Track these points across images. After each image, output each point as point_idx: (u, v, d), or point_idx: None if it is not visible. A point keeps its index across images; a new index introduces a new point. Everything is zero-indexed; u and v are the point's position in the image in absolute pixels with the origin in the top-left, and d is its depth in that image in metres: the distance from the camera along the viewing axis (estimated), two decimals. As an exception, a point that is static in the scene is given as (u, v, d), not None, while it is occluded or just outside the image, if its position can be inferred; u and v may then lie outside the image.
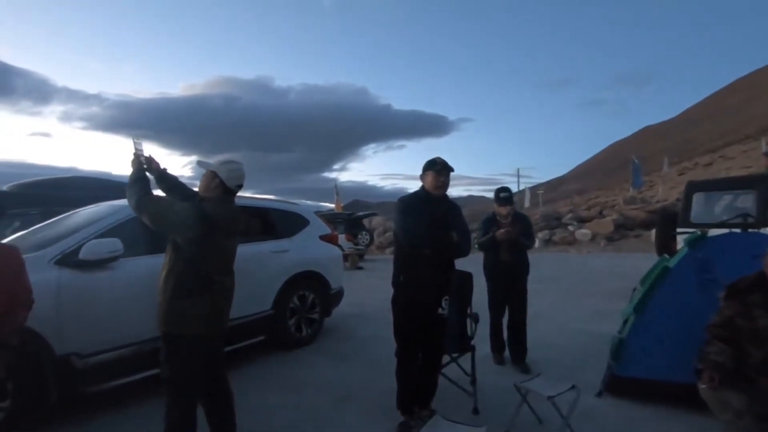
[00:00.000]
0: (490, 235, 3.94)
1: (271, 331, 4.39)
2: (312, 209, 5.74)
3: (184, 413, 2.28)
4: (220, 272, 2.38)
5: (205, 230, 2.28)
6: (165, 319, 2.28)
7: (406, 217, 2.75)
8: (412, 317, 2.79)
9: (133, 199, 2.33)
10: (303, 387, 3.64)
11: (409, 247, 2.74)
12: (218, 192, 2.42)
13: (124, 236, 3.20)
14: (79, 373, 2.91)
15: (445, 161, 2.83)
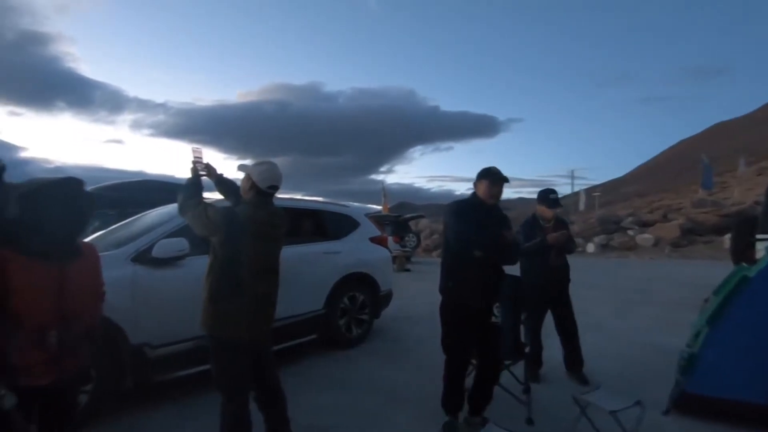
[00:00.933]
0: (539, 240, 3.72)
1: (322, 331, 4.51)
2: (362, 211, 5.83)
3: (237, 411, 2.30)
4: (254, 276, 2.31)
5: (235, 233, 2.26)
6: (203, 321, 2.32)
7: (459, 220, 2.75)
8: (461, 323, 2.76)
9: (179, 203, 2.43)
10: (354, 387, 3.70)
11: (460, 249, 2.73)
12: (252, 194, 2.40)
13: (191, 236, 3.42)
14: (151, 362, 3.15)
15: (500, 172, 2.82)
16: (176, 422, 3.06)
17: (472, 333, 2.75)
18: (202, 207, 2.33)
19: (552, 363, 3.91)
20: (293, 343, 4.19)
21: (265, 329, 2.42)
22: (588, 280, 8.66)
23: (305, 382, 3.76)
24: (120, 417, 3.06)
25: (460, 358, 2.80)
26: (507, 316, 2.97)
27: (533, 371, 3.66)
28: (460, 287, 2.76)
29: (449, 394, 2.82)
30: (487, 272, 2.74)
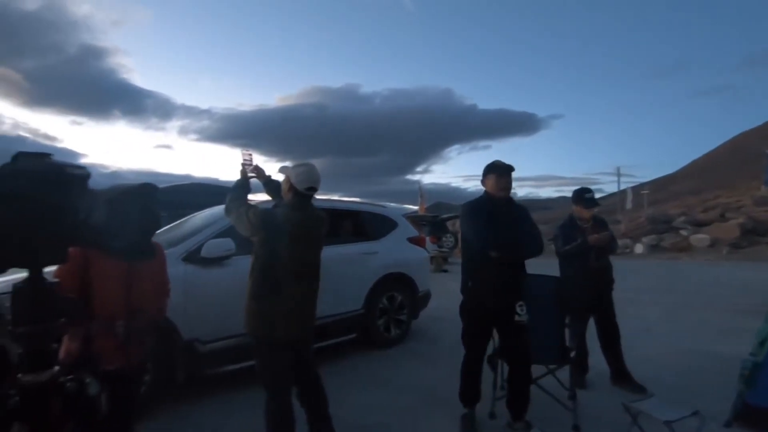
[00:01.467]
0: (580, 241, 3.57)
1: (362, 330, 4.56)
2: (399, 212, 5.85)
3: (280, 407, 2.36)
4: (292, 277, 2.33)
5: (272, 234, 2.29)
6: (245, 320, 2.39)
7: (472, 221, 2.77)
8: (480, 322, 2.81)
9: (225, 203, 2.52)
10: (394, 387, 3.72)
11: (476, 249, 2.76)
12: (291, 196, 2.41)
13: (237, 236, 3.56)
14: (201, 356, 3.31)
15: (504, 163, 2.81)
16: (224, 414, 3.19)
17: (490, 331, 2.83)
18: (245, 208, 2.40)
19: (599, 369, 3.75)
20: (333, 342, 4.26)
21: (304, 329, 2.44)
22: (636, 282, 8.23)
23: (346, 381, 3.81)
24: (172, 408, 3.24)
25: (476, 355, 2.88)
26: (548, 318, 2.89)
27: (579, 376, 3.53)
28: (479, 287, 2.79)
29: (465, 387, 2.93)
30: (505, 271, 2.73)
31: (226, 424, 3.06)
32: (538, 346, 3.05)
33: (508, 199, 2.83)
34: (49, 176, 0.50)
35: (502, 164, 2.81)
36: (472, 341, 2.88)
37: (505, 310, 2.73)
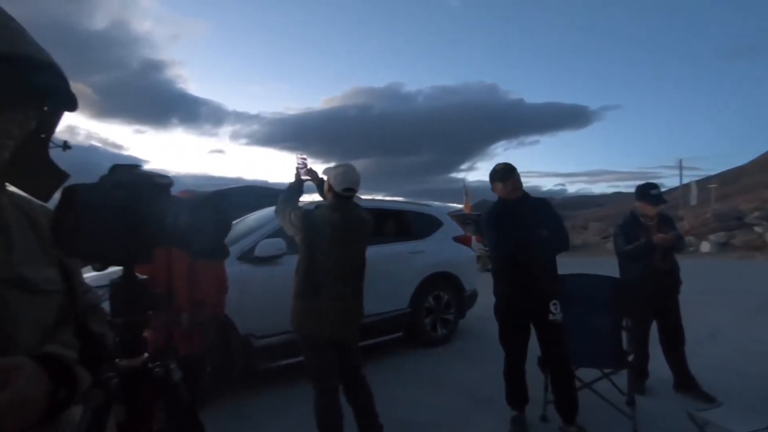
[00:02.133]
0: (644, 241, 3.32)
1: (408, 329, 4.59)
2: (444, 210, 5.82)
3: (327, 403, 2.41)
4: (331, 278, 2.35)
5: (311, 236, 2.34)
6: (291, 318, 2.45)
7: (487, 227, 2.85)
8: (514, 323, 2.83)
9: (276, 205, 2.61)
10: (441, 386, 3.72)
11: (495, 254, 2.86)
12: (330, 197, 2.43)
13: (287, 236, 3.71)
14: (255, 351, 3.48)
15: (504, 165, 2.84)
16: (277, 408, 3.33)
17: (526, 332, 2.83)
18: (290, 210, 2.47)
19: (661, 375, 3.54)
20: (380, 340, 4.32)
21: (348, 328, 2.46)
22: (702, 283, 7.64)
23: (393, 378, 3.86)
24: (228, 399, 3.42)
25: (515, 356, 2.87)
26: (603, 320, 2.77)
27: (638, 382, 3.34)
28: (506, 288, 2.83)
29: (510, 389, 2.91)
30: (530, 272, 2.71)
31: (279, 417, 3.20)
32: (589, 348, 2.94)
33: (521, 198, 2.82)
34: (141, 185, 0.57)
35: (502, 167, 2.84)
36: (508, 342, 2.90)
37: (538, 309, 2.71)
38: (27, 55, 0.58)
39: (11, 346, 0.60)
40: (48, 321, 0.67)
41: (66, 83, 0.63)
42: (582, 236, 23.37)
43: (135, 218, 0.54)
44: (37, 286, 0.64)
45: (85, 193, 0.53)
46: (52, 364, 0.61)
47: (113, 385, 0.59)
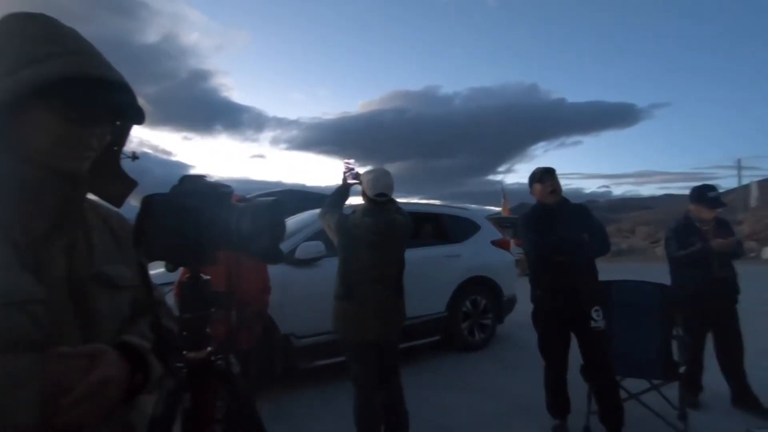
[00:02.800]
0: (700, 247, 3.13)
1: (444, 333, 4.57)
2: (482, 214, 5.76)
3: (365, 403, 2.45)
4: (365, 281, 2.38)
5: (344, 240, 2.40)
6: (332, 319, 2.51)
7: (525, 231, 2.81)
8: (553, 330, 2.77)
9: (321, 209, 2.69)
10: (478, 391, 3.68)
11: (533, 258, 2.82)
12: (365, 201, 2.46)
13: (326, 239, 3.81)
14: (296, 350, 3.59)
15: (543, 168, 2.80)
16: (318, 405, 3.42)
17: (566, 339, 2.77)
18: (330, 214, 2.54)
19: (717, 389, 3.33)
20: (416, 344, 4.33)
21: (385, 331, 2.47)
22: (764, 292, 7.10)
23: (430, 382, 3.86)
24: (269, 398, 3.54)
25: (556, 363, 2.81)
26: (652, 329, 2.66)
27: (691, 395, 3.16)
28: (544, 294, 2.77)
29: (551, 398, 2.86)
30: (569, 277, 2.64)
31: (319, 415, 3.28)
32: (636, 357, 2.83)
33: (561, 203, 2.78)
34: (206, 194, 0.63)
35: (540, 169, 2.81)
36: (548, 350, 2.85)
37: (579, 316, 2.64)
38: (104, 76, 0.66)
39: (95, 335, 0.67)
40: (124, 314, 0.75)
41: (135, 100, 0.70)
42: (629, 241, 22.26)
43: (202, 224, 0.60)
44: (114, 282, 0.71)
45: (161, 202, 0.60)
46: (129, 351, 0.69)
47: (182, 375, 0.65)
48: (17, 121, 0.63)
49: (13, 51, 0.63)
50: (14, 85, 0.60)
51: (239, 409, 0.68)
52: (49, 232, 0.66)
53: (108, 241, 0.76)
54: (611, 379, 2.69)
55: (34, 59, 0.62)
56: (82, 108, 0.64)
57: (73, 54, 0.65)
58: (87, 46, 0.68)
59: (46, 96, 0.62)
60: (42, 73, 0.61)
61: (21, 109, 0.62)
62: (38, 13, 0.68)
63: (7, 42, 0.64)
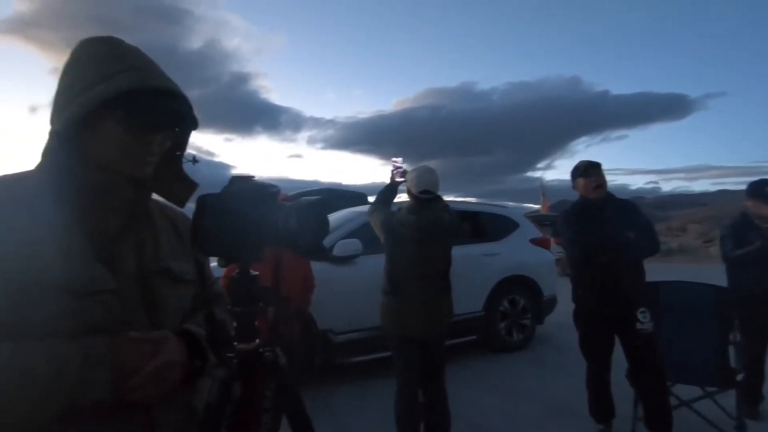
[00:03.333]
0: (759, 245, 2.91)
1: (482, 332, 4.51)
2: (520, 211, 5.63)
3: (406, 399, 2.47)
4: (408, 277, 2.42)
5: (388, 236, 2.45)
6: (380, 314, 2.57)
7: (566, 227, 2.72)
8: (595, 330, 2.67)
9: (369, 207, 2.74)
10: (516, 393, 3.62)
11: (574, 256, 2.73)
12: (410, 199, 2.49)
13: (363, 237, 3.85)
14: (334, 346, 3.66)
15: (587, 161, 2.68)
16: (358, 401, 3.47)
17: (609, 341, 2.66)
18: (376, 211, 2.60)
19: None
20: (452, 343, 4.29)
21: (429, 328, 2.48)
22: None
23: (466, 381, 3.82)
24: (311, 392, 3.63)
25: (597, 362, 2.71)
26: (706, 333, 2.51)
27: (750, 405, 2.95)
28: (586, 294, 2.68)
29: (593, 401, 2.76)
30: (613, 276, 2.51)
31: (359, 410, 3.33)
32: (688, 363, 2.69)
33: (606, 198, 2.64)
34: (256, 194, 0.66)
35: (586, 163, 2.69)
36: (589, 351, 2.76)
37: (623, 317, 2.51)
38: (163, 87, 0.72)
39: (160, 324, 0.74)
40: (186, 306, 0.82)
41: (190, 107, 0.76)
42: (679, 239, 21.01)
43: (251, 223, 0.63)
44: (178, 276, 0.78)
45: (213, 202, 0.64)
46: (190, 339, 0.76)
47: (233, 365, 0.69)
48: (89, 131, 0.70)
49: (87, 72, 0.71)
50: (87, 101, 0.68)
51: (286, 400, 0.71)
52: (120, 230, 0.74)
53: (173, 239, 0.83)
54: (660, 383, 2.56)
55: (104, 77, 0.69)
56: (143, 117, 0.70)
57: (136, 69, 0.72)
58: (147, 61, 0.74)
59: (113, 108, 0.69)
60: (110, 88, 0.68)
61: (92, 121, 0.69)
62: (107, 36, 0.76)
63: (84, 64, 0.72)
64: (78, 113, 0.68)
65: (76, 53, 0.74)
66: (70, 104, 0.69)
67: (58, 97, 0.72)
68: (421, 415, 2.57)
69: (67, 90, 0.71)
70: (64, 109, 0.70)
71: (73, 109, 0.68)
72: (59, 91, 0.72)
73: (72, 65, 0.73)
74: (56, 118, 0.71)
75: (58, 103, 0.71)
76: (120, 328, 0.68)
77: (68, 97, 0.70)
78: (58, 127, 0.69)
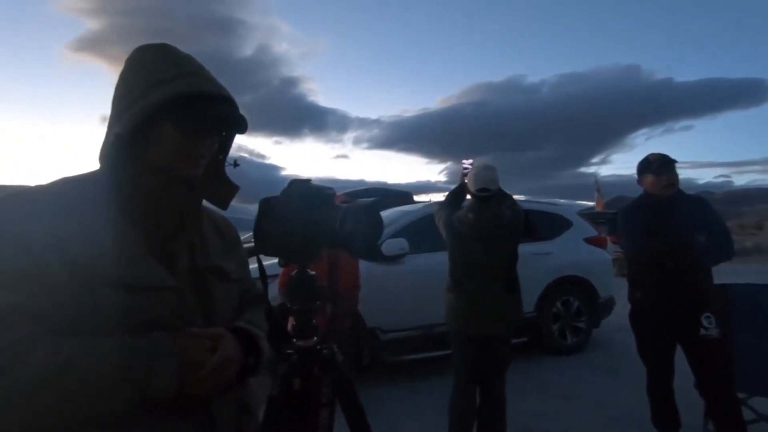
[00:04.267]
0: None
1: (533, 334, 4.37)
2: (574, 209, 5.40)
3: (461, 397, 2.48)
4: (469, 277, 2.46)
5: (448, 235, 2.50)
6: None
7: (628, 226, 2.52)
8: (655, 337, 2.49)
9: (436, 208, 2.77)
10: (569, 397, 3.48)
11: (637, 257, 2.51)
12: (470, 197, 2.53)
13: (409, 237, 3.86)
14: (382, 344, 3.70)
15: (662, 155, 2.41)
16: (410, 400, 3.48)
17: (670, 346, 2.47)
18: (442, 211, 2.66)
19: None
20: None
21: (489, 326, 2.44)
22: None
23: (517, 384, 3.71)
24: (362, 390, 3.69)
25: (658, 371, 2.54)
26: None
27: None
28: (646, 298, 2.47)
29: (656, 409, 2.57)
30: (677, 280, 2.32)
31: (411, 409, 3.34)
32: (761, 373, 2.46)
33: (676, 196, 2.42)
34: (314, 196, 0.69)
35: (658, 157, 2.43)
36: (648, 356, 2.59)
37: (685, 322, 2.34)
38: (216, 92, 0.75)
39: (214, 320, 0.77)
40: (234, 302, 0.84)
41: (239, 111, 0.79)
42: (755, 238, 19.18)
43: (310, 224, 0.66)
44: (227, 274, 0.81)
45: (276, 204, 0.67)
46: (242, 335, 0.78)
47: (293, 360, 0.72)
48: (147, 134, 0.73)
49: (146, 77, 0.74)
50: (147, 104, 0.71)
51: (343, 394, 0.74)
52: (174, 230, 0.76)
53: (217, 240, 0.85)
54: (730, 394, 2.37)
55: (161, 82, 0.72)
56: (197, 121, 0.73)
57: (191, 74, 0.75)
58: (200, 67, 0.78)
59: (169, 112, 0.72)
60: (167, 92, 0.71)
61: (150, 125, 0.72)
62: (161, 43, 0.79)
63: (141, 70, 0.75)
64: (138, 117, 0.70)
65: (133, 60, 0.77)
66: (130, 108, 0.71)
67: (117, 102, 0.75)
68: (477, 417, 2.54)
69: (126, 95, 0.73)
70: (123, 113, 0.72)
71: (133, 112, 0.71)
72: (118, 96, 0.75)
73: (130, 71, 0.76)
74: (115, 122, 0.73)
75: (118, 108, 0.74)
76: (179, 325, 0.71)
77: (128, 102, 0.72)
78: (118, 130, 0.71)
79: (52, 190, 0.71)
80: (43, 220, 0.65)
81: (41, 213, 0.66)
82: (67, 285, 0.63)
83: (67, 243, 0.64)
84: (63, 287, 0.62)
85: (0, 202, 0.66)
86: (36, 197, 0.69)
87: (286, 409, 0.70)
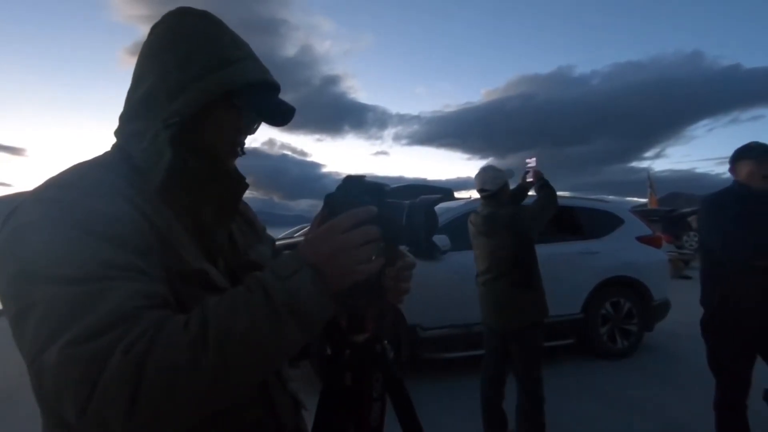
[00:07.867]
0: None
1: (580, 336, 4.21)
2: (625, 206, 5.13)
3: (485, 391, 2.61)
4: (481, 274, 2.64)
5: (473, 232, 2.70)
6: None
7: (717, 218, 2.22)
8: (734, 346, 2.23)
9: None
10: (622, 404, 3.32)
11: (724, 255, 2.19)
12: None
13: (451, 234, 3.81)
14: (422, 341, 3.69)
15: (763, 144, 2.18)
16: (448, 398, 3.46)
17: (750, 357, 2.23)
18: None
19: None
20: (547, 345, 4.07)
21: (502, 324, 2.53)
22: None
23: (563, 387, 3.59)
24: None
25: (732, 385, 2.29)
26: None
27: None
28: (731, 301, 2.21)
29: (724, 425, 2.32)
30: (764, 283, 2.08)
31: (448, 408, 3.32)
32: None
33: None
34: (373, 192, 0.69)
35: (762, 145, 2.20)
36: (722, 367, 2.34)
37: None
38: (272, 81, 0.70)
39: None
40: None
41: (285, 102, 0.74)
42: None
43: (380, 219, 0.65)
44: (259, 264, 0.74)
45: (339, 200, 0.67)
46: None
47: (346, 355, 0.73)
48: (202, 118, 0.64)
49: (203, 52, 0.64)
50: (212, 85, 0.63)
51: (394, 390, 0.74)
52: (213, 223, 0.69)
53: (244, 226, 0.80)
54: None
55: (225, 62, 0.64)
56: (252, 109, 0.70)
57: (253, 59, 0.69)
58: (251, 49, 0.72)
59: (231, 97, 0.65)
60: (235, 77, 0.64)
61: (207, 108, 0.64)
62: (202, 11, 0.69)
63: (193, 43, 0.65)
64: (200, 99, 0.62)
65: (174, 26, 0.66)
66: (190, 88, 0.62)
67: (166, 77, 0.63)
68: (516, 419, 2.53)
69: (179, 69, 0.63)
70: (179, 92, 0.62)
71: (193, 93, 0.62)
72: (166, 69, 0.63)
73: (176, 40, 0.65)
74: (165, 101, 0.62)
75: (168, 83, 0.63)
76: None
77: (184, 79, 0.63)
78: (178, 107, 0.61)
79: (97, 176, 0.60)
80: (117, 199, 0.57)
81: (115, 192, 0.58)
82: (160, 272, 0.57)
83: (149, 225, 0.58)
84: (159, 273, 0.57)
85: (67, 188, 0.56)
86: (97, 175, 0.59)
87: (338, 403, 0.71)
